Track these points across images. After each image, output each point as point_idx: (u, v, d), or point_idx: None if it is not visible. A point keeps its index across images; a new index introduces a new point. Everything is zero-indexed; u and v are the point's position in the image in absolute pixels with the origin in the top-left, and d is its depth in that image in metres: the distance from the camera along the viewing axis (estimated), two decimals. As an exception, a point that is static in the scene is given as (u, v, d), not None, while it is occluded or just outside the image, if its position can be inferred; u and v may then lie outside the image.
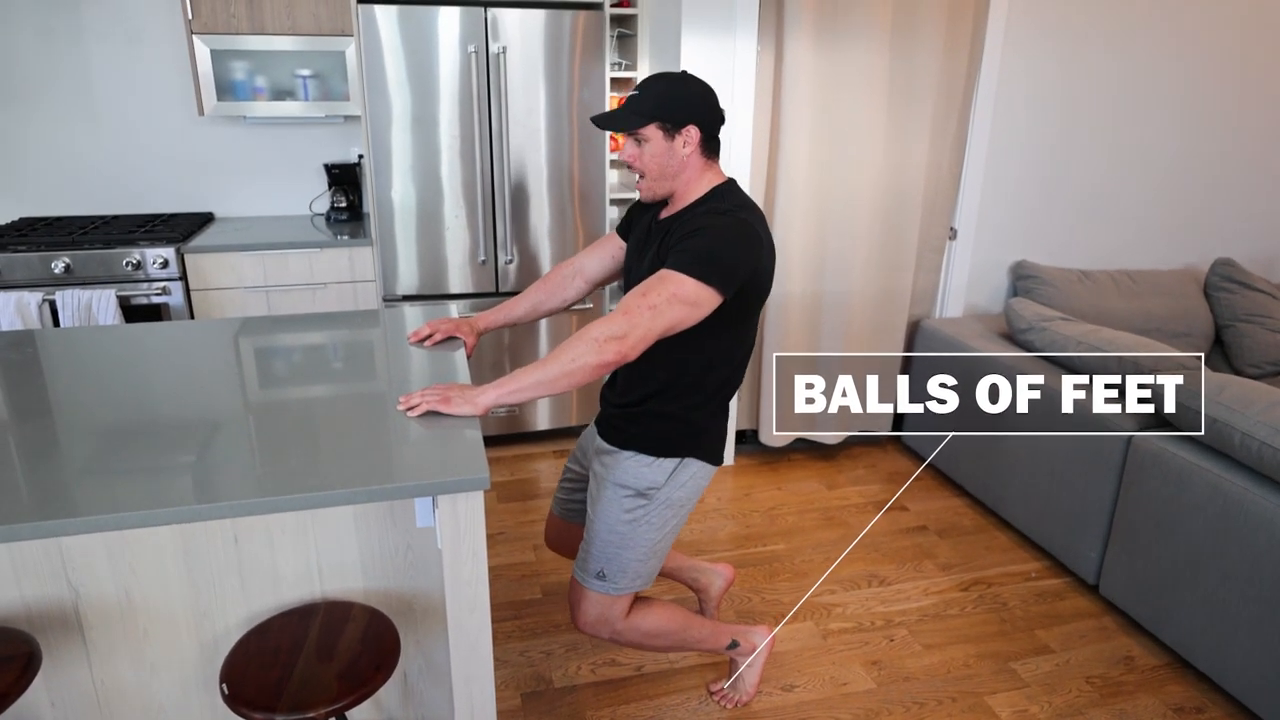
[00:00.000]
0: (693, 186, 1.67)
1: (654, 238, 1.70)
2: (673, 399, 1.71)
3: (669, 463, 1.74)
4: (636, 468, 1.74)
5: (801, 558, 2.69)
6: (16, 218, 3.26)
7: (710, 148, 1.66)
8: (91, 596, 1.61)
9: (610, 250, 1.93)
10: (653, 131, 1.61)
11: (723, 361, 1.71)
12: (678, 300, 1.51)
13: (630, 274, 1.78)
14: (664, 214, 1.73)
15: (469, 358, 1.91)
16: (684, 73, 1.65)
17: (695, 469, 1.76)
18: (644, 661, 2.21)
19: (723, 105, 1.68)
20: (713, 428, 1.78)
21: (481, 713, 1.49)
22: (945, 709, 2.07)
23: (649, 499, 1.74)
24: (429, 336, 1.93)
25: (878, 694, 2.12)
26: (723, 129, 1.70)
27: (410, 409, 1.54)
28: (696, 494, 1.80)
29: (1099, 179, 3.38)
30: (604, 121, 1.67)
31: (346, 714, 1.76)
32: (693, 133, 1.62)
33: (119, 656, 1.67)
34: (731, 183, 1.69)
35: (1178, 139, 3.42)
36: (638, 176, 1.68)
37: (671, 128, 1.61)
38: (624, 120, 1.63)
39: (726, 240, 1.56)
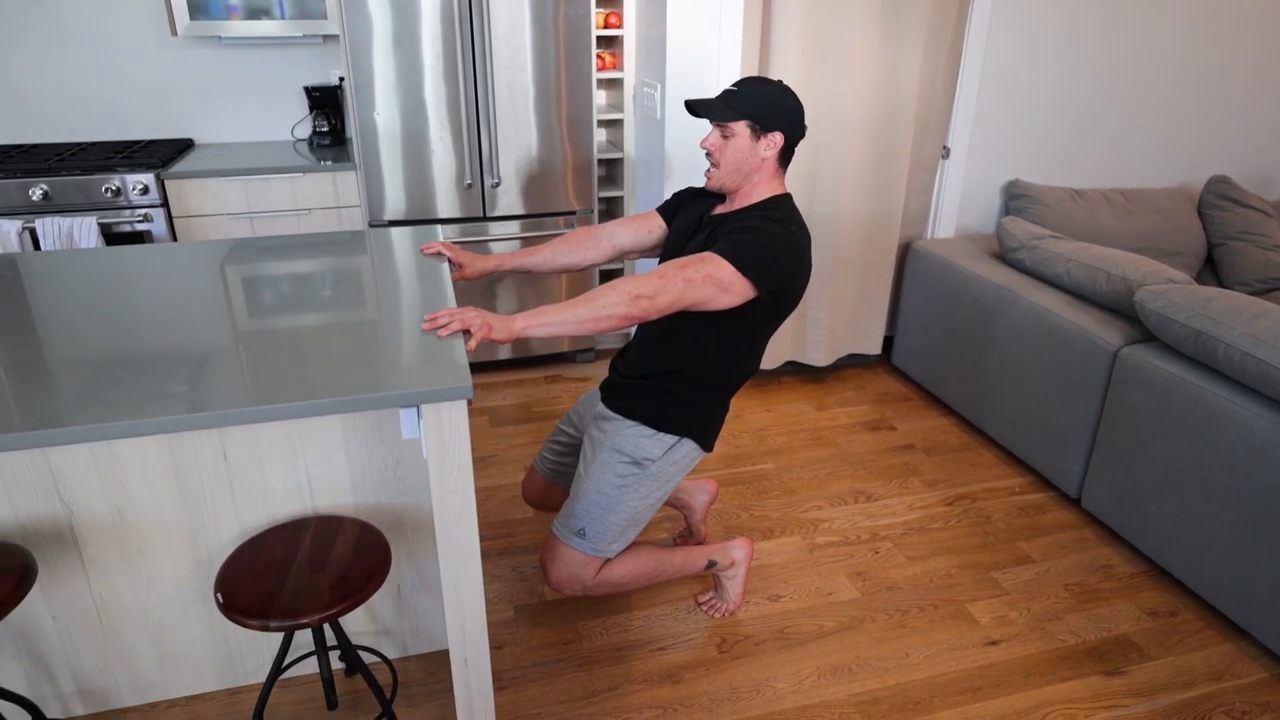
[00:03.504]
0: (758, 189, 1.74)
1: (704, 229, 1.77)
2: (684, 381, 1.80)
3: (668, 438, 1.82)
4: (636, 437, 1.81)
5: (790, 476, 2.73)
6: (-9, 145, 3.19)
7: (785, 158, 1.74)
8: (85, 514, 1.63)
9: (648, 226, 1.97)
10: (742, 128, 1.68)
11: (739, 359, 1.79)
12: (712, 281, 1.58)
13: (669, 257, 1.84)
14: (719, 210, 1.80)
15: (454, 280, 1.92)
16: (782, 83, 1.71)
17: (688, 449, 1.85)
18: (634, 575, 2.26)
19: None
20: (715, 415, 1.86)
21: (471, 619, 1.52)
22: (927, 615, 2.13)
23: (642, 469, 1.81)
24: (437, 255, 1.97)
25: (861, 602, 2.18)
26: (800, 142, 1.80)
27: (440, 328, 1.52)
28: (683, 473, 1.88)
29: (1095, 97, 3.32)
30: (700, 108, 1.69)
31: (341, 624, 1.81)
32: (777, 139, 1.69)
33: (115, 572, 1.70)
34: (789, 197, 1.76)
35: (1175, 56, 3.34)
36: (710, 165, 1.75)
37: (760, 129, 1.68)
38: (719, 111, 1.68)
39: (773, 244, 1.63)
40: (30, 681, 1.75)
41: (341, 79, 3.40)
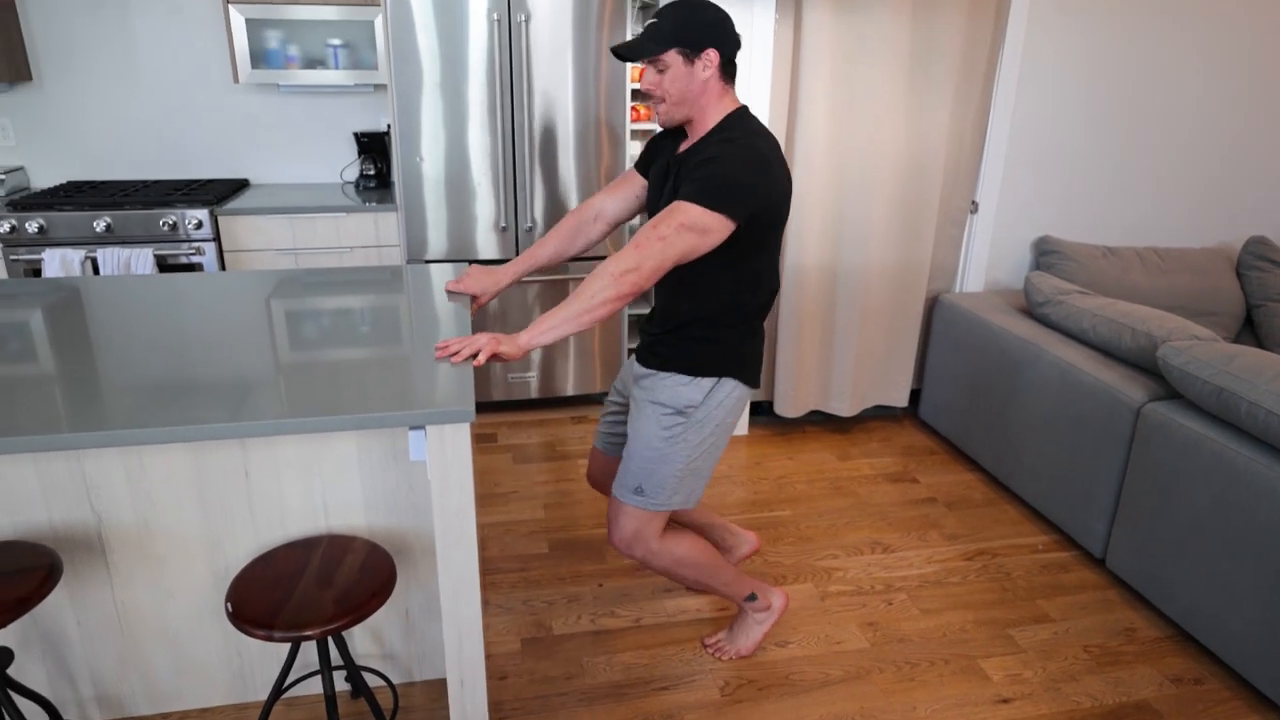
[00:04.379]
0: (709, 113, 1.69)
1: (672, 171, 1.75)
2: (708, 324, 1.78)
3: (706, 381, 1.80)
4: (675, 387, 1.80)
5: (807, 523, 2.72)
6: (64, 180, 3.42)
7: (728, 73, 1.69)
8: (113, 522, 1.72)
9: (631, 189, 1.97)
10: (673, 57, 1.63)
11: (751, 286, 1.77)
12: (685, 229, 1.56)
13: (652, 209, 1.82)
14: (683, 146, 1.76)
15: (473, 313, 1.99)
16: (701, 0, 1.66)
17: (731, 388, 1.82)
18: (642, 614, 2.27)
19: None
20: (748, 350, 1.84)
21: (469, 640, 1.55)
22: (937, 670, 2.09)
23: (687, 417, 1.80)
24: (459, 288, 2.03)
25: (870, 653, 2.14)
26: (739, 54, 1.70)
27: (452, 355, 1.58)
28: (734, 415, 1.86)
29: (1129, 154, 3.32)
30: (626, 51, 1.66)
31: (347, 644, 1.85)
32: (712, 56, 1.64)
33: (138, 580, 1.78)
34: (745, 109, 1.72)
35: (1212, 112, 3.34)
36: (656, 103, 1.70)
37: (691, 52, 1.63)
38: (644, 48, 1.64)
39: (736, 167, 1.59)
40: (52, 684, 1.82)
41: (389, 125, 3.58)
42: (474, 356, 1.59)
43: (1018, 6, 3.00)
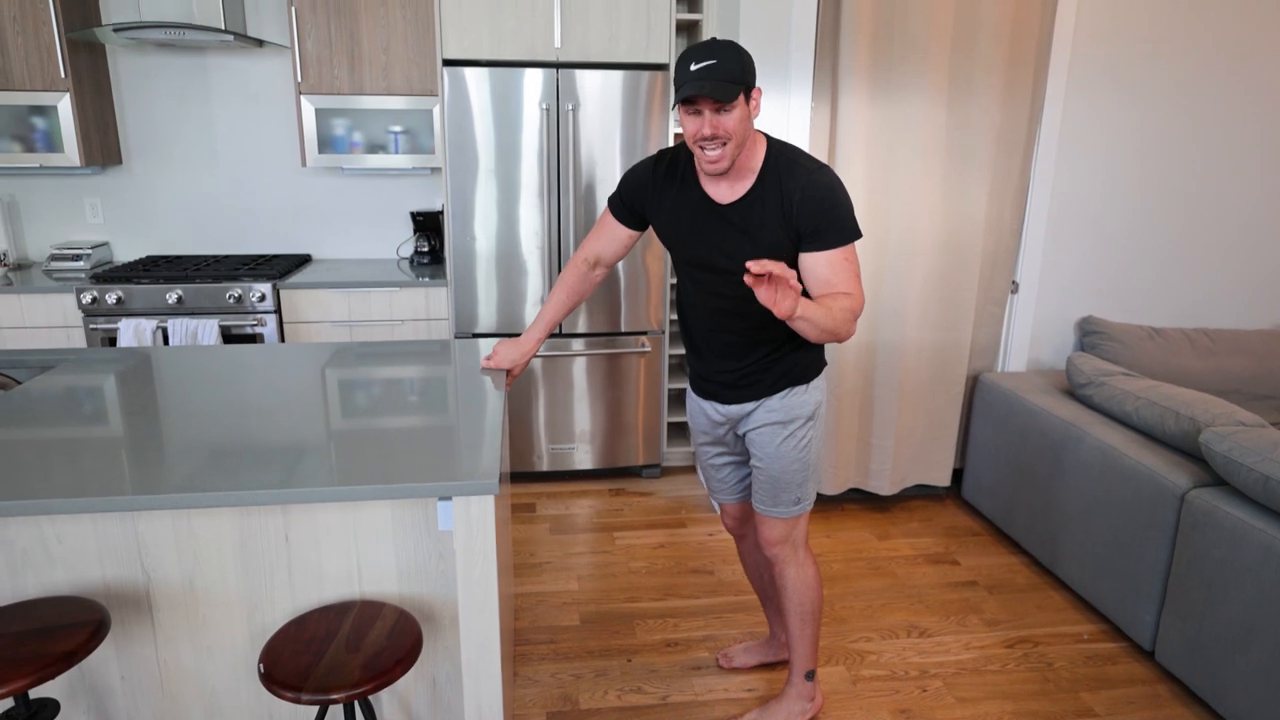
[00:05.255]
0: (749, 153, 1.71)
1: (744, 222, 1.73)
2: (792, 335, 1.85)
3: (817, 380, 1.94)
4: (797, 400, 1.90)
5: (842, 604, 2.68)
6: (144, 255, 3.67)
7: None
8: (161, 581, 1.80)
9: (619, 237, 1.99)
10: (741, 99, 1.60)
11: None
12: (857, 265, 1.74)
13: (717, 260, 1.79)
14: (724, 196, 1.74)
15: (509, 386, 2.08)
16: (731, 40, 1.64)
17: (824, 372, 1.97)
18: (669, 692, 2.25)
19: None
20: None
21: (489, 711, 1.57)
22: (972, 763, 2.02)
23: (816, 418, 1.93)
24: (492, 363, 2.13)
25: (902, 742, 2.09)
26: None
27: (757, 277, 1.50)
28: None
29: (1175, 233, 3.29)
30: (709, 92, 1.55)
31: (374, 710, 1.88)
32: (757, 95, 1.66)
33: (181, 639, 1.85)
34: (771, 137, 1.76)
35: (1262, 189, 3.30)
36: (713, 149, 1.63)
37: (748, 92, 1.63)
38: (729, 90, 1.57)
39: (842, 191, 1.72)
40: (94, 738, 1.88)
41: (443, 205, 3.77)
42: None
43: (1054, 90, 3.06)
